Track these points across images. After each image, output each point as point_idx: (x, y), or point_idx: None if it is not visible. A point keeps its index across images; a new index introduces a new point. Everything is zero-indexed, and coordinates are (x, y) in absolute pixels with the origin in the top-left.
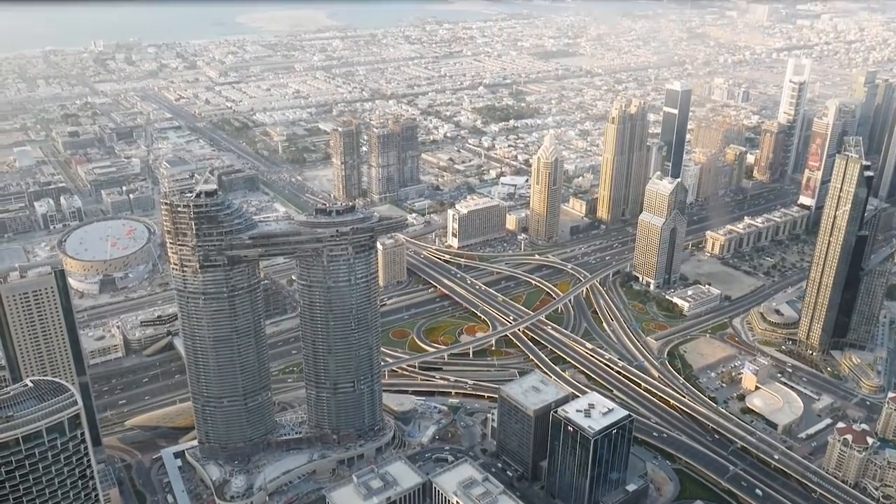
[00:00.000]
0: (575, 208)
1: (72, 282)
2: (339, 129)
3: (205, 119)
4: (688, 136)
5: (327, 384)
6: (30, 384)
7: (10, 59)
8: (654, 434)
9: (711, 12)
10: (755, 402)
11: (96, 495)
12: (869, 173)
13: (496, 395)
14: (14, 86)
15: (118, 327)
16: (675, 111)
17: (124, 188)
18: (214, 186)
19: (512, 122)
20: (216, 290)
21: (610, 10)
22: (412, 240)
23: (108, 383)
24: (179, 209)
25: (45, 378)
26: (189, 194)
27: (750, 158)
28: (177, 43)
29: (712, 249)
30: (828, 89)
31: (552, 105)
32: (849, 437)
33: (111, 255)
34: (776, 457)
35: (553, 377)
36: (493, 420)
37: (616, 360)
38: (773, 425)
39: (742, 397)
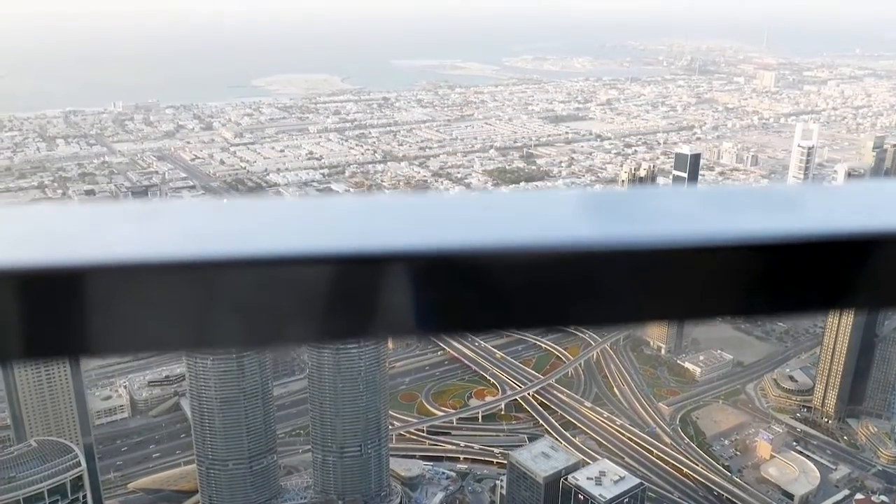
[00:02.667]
0: None
1: None
2: (352, 190)
3: (219, 179)
4: None
5: (334, 448)
6: (34, 444)
7: (31, 118)
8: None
9: (719, 78)
10: (770, 471)
11: None
12: None
13: (505, 461)
14: (34, 145)
15: (125, 387)
16: (685, 175)
17: None
18: None
19: (522, 184)
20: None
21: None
22: None
23: (112, 444)
24: None
25: (49, 438)
26: None
27: None
28: (194, 104)
29: None
30: (836, 153)
31: (562, 168)
32: None
33: None
34: None
35: (563, 443)
36: (502, 487)
37: (627, 425)
38: (790, 496)
39: (757, 466)
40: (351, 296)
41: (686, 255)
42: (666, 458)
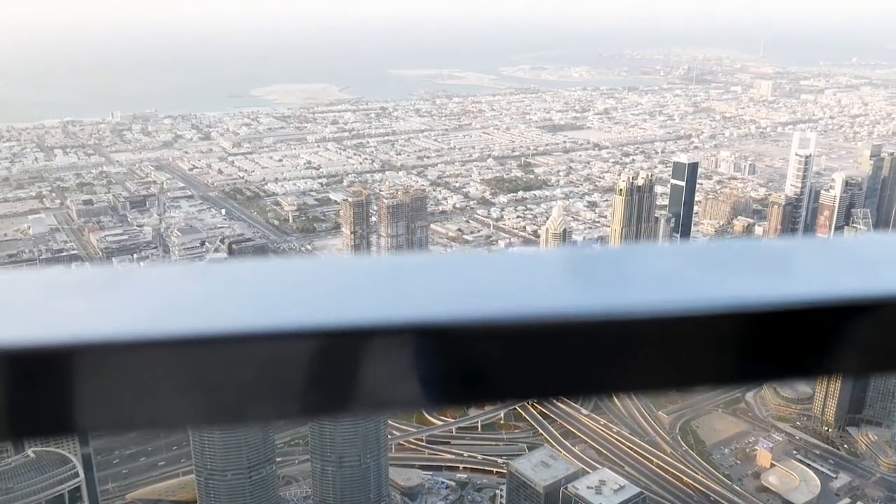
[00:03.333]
0: None
1: None
2: (350, 199)
3: (217, 189)
4: (696, 208)
5: (333, 458)
6: (32, 455)
7: (29, 129)
8: None
9: (716, 87)
10: (771, 479)
11: None
12: None
13: (505, 471)
14: (32, 155)
15: None
16: (683, 183)
17: (135, 256)
18: (224, 255)
19: (520, 193)
20: None
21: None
22: None
23: (111, 454)
24: None
25: (47, 449)
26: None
27: (758, 230)
28: (192, 114)
29: None
30: (833, 162)
31: (560, 177)
32: None
33: None
34: None
35: (563, 452)
36: (501, 496)
37: (626, 434)
38: None
39: (757, 475)
40: (340, 371)
41: (674, 324)
42: (666, 466)
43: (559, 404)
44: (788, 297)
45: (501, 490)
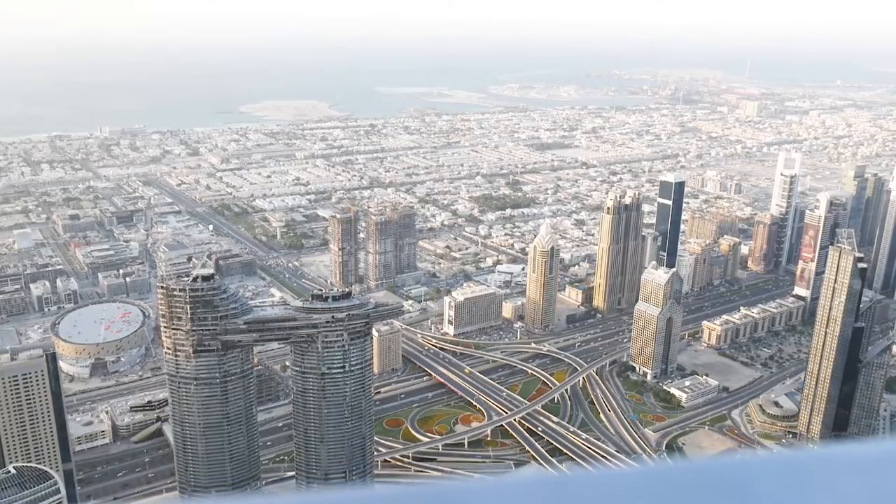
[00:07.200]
0: (571, 297)
1: (63, 365)
2: (338, 215)
3: (205, 204)
4: (682, 227)
5: (318, 475)
6: (12, 471)
7: (16, 143)
8: None
9: (703, 108)
10: None
11: None
12: (862, 265)
13: None
14: (18, 169)
15: (107, 412)
16: (670, 202)
17: (121, 271)
18: (211, 271)
19: (509, 210)
20: (209, 375)
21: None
22: (408, 326)
23: (93, 470)
24: (175, 293)
25: (28, 465)
26: (186, 278)
27: (744, 249)
28: (181, 130)
29: (709, 339)
30: (818, 182)
31: (548, 195)
32: None
33: (104, 339)
34: None
35: (550, 469)
36: None
37: (614, 451)
38: None
39: None
40: None
41: None
42: None
43: (546, 420)
44: None
45: None
